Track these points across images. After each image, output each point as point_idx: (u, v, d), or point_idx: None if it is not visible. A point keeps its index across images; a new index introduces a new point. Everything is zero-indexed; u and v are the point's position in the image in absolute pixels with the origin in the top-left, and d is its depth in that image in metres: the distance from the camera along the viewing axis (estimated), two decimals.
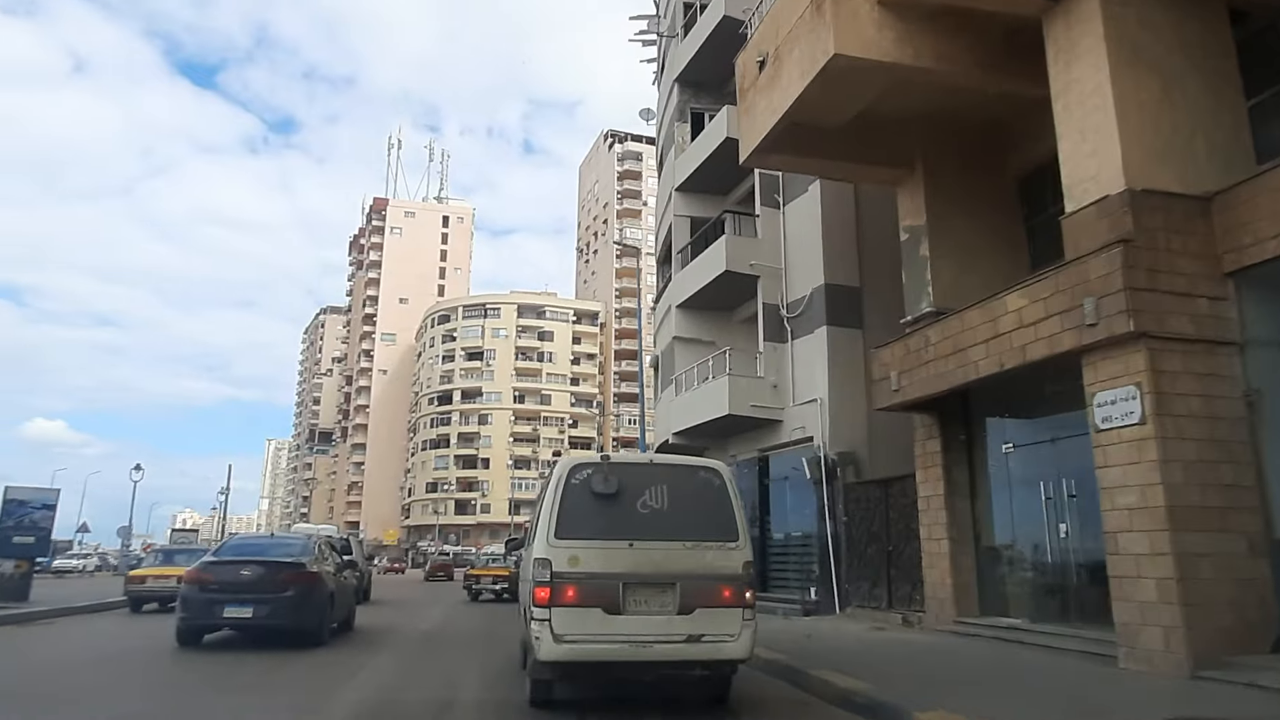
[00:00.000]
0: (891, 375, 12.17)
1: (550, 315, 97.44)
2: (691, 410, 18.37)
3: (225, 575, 10.42)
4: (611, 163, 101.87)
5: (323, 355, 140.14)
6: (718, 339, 19.42)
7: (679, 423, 18.95)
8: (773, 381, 17.02)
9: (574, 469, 6.63)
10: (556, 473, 6.71)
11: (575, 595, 6.15)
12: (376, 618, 15.67)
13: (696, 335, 19.89)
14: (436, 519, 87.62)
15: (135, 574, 17.89)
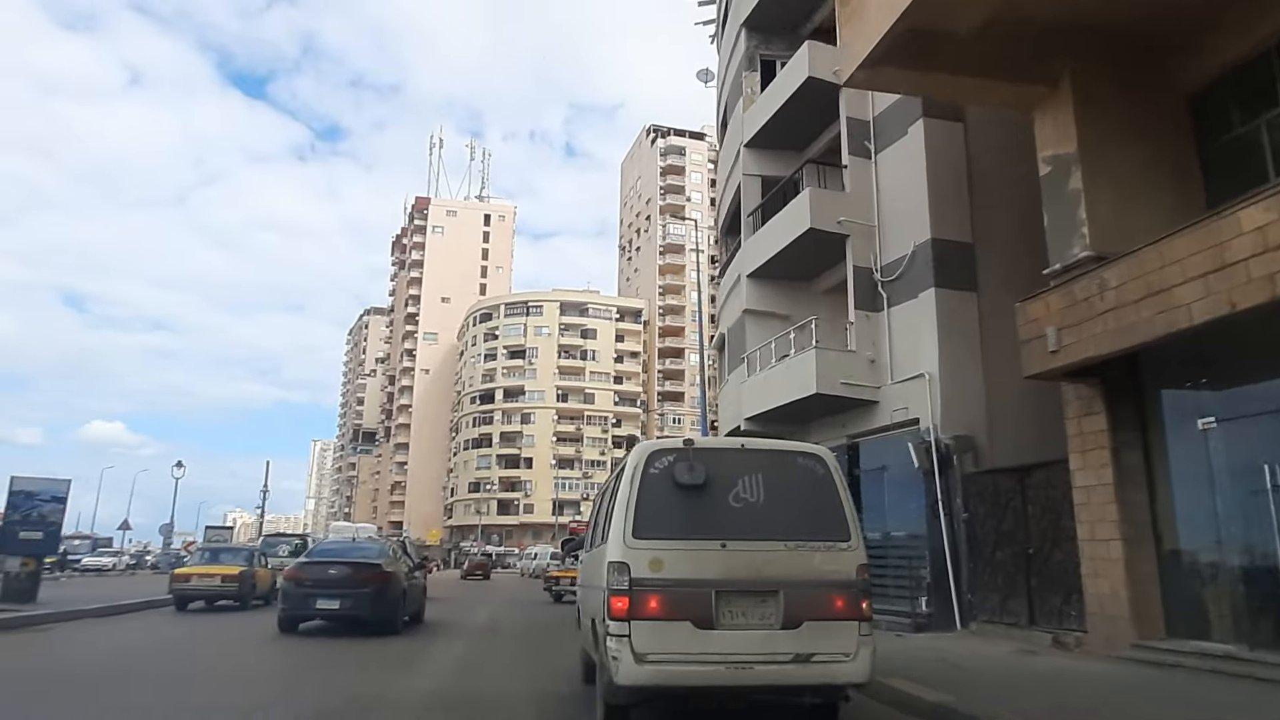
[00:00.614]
0: (1049, 333, 9.62)
1: (593, 313, 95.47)
2: (768, 392, 15.95)
3: (317, 574, 12.26)
4: (654, 158, 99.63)
5: (366, 356, 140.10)
6: (794, 312, 16.96)
7: (753, 406, 16.53)
8: (867, 355, 14.53)
9: (653, 456, 5.65)
10: (631, 461, 5.73)
11: (660, 606, 5.23)
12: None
13: (770, 308, 17.44)
14: (479, 519, 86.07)
15: (180, 572, 17.34)
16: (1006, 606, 11.45)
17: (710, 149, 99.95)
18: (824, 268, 16.69)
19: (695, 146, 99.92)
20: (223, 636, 12.58)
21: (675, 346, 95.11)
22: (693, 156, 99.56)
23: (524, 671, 9.27)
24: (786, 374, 15.27)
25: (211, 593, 16.79)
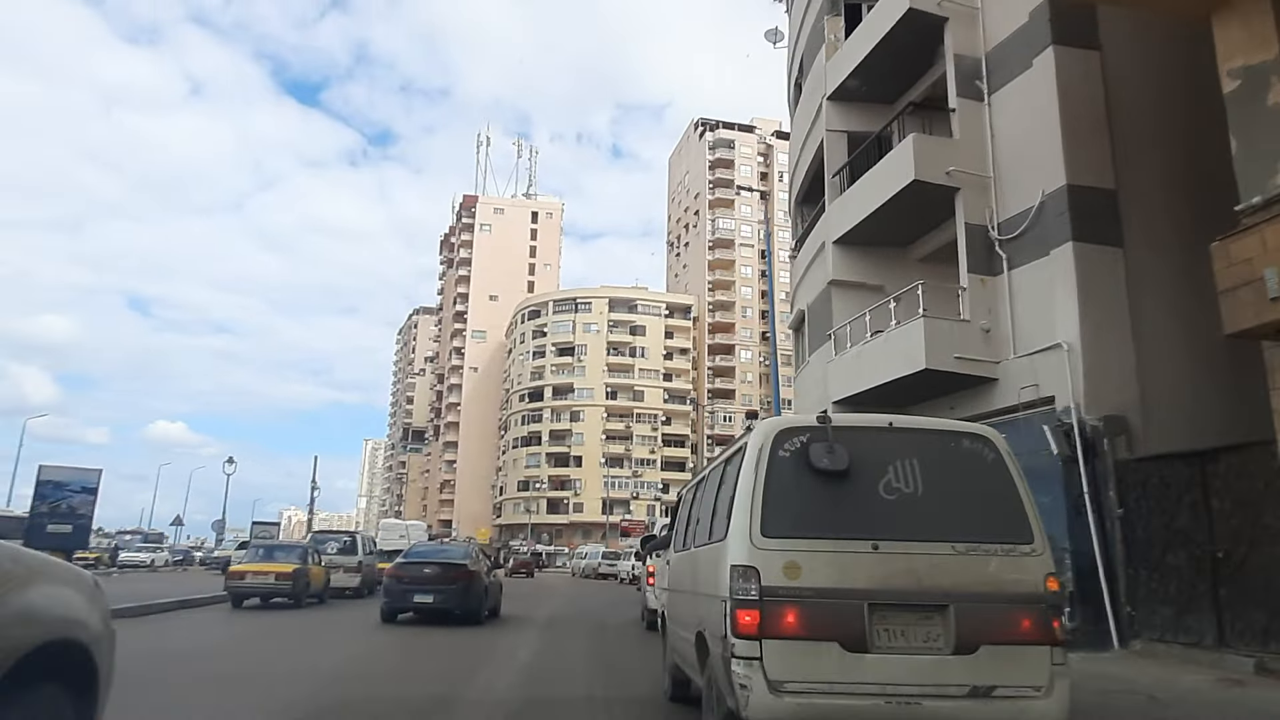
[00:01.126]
0: (1269, 275, 7.52)
1: (642, 309, 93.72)
2: (860, 371, 13.96)
3: (413, 572, 13.98)
4: (703, 152, 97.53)
5: (415, 355, 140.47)
6: (887, 283, 14.95)
7: (843, 387, 14.54)
8: (983, 325, 12.47)
9: (782, 435, 4.68)
10: (755, 441, 4.72)
11: (799, 622, 4.22)
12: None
13: (860, 278, 15.43)
14: (529, 518, 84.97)
15: (235, 570, 17.23)
16: (1183, 623, 9.32)
17: (759, 141, 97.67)
18: (923, 230, 14.64)
19: (744, 139, 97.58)
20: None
21: (725, 343, 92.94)
22: (742, 149, 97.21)
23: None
24: (886, 349, 13.27)
25: (266, 590, 16.54)
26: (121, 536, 41.16)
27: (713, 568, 4.83)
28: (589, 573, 48.68)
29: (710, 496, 5.76)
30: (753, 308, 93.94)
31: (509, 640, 11.83)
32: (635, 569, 40.73)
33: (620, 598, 28.04)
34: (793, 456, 4.59)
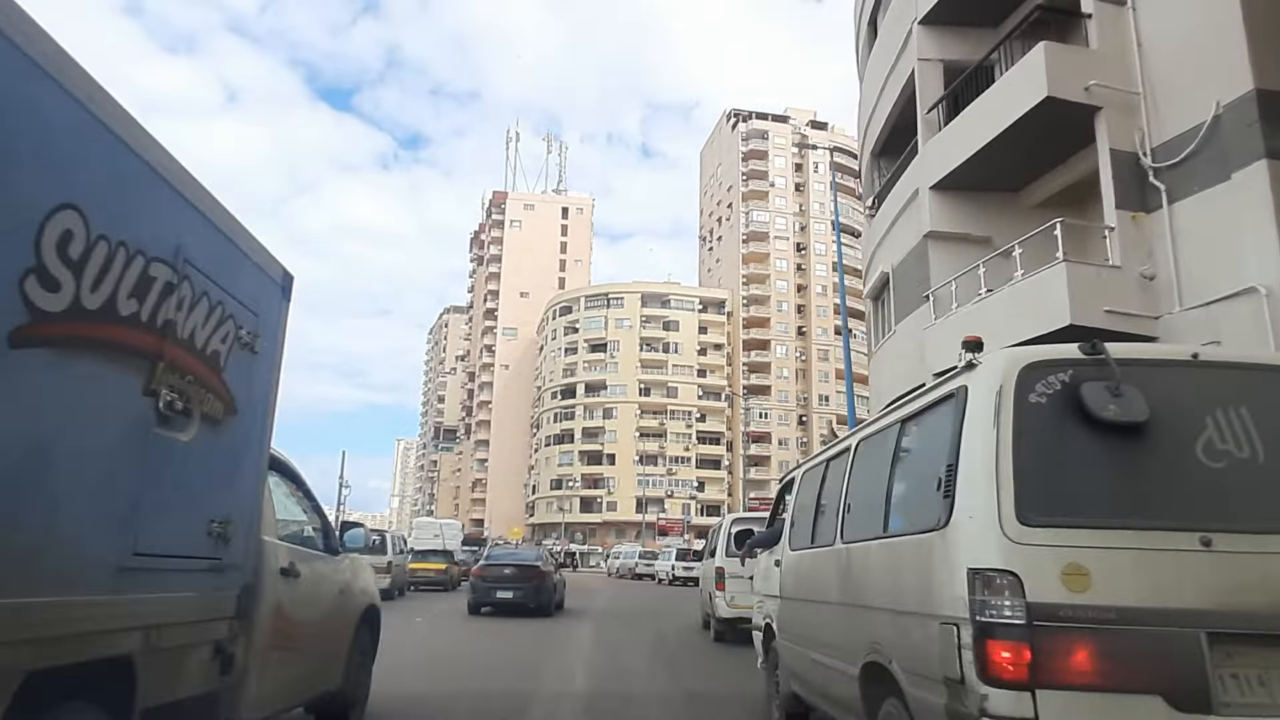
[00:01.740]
0: None
1: (675, 304, 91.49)
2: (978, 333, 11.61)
3: (494, 572, 16.33)
4: (735, 143, 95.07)
5: (446, 354, 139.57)
6: (997, 234, 12.60)
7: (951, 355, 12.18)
8: (1144, 272, 10.08)
9: (1030, 372, 3.11)
10: (986, 381, 3.17)
11: (1097, 664, 2.73)
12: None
13: (964, 229, 13.07)
14: (561, 516, 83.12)
15: None
16: None
17: (794, 132, 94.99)
18: (1042, 168, 12.27)
19: (778, 129, 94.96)
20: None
21: (760, 338, 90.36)
22: (775, 140, 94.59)
23: None
24: (1011, 306, 10.91)
25: None
26: None
27: (919, 570, 3.33)
28: (625, 573, 46.65)
29: (875, 470, 4.32)
30: (788, 301, 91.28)
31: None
32: (684, 569, 38.69)
33: (665, 601, 25.88)
34: (1053, 402, 3.08)
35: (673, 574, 38.66)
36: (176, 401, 2.94)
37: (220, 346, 3.35)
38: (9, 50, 2.06)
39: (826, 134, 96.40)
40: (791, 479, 6.98)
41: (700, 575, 15.65)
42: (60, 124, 2.29)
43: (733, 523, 12.86)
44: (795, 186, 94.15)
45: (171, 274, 2.89)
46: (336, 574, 5.29)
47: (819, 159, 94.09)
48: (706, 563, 14.09)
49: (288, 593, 4.30)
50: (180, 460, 3.02)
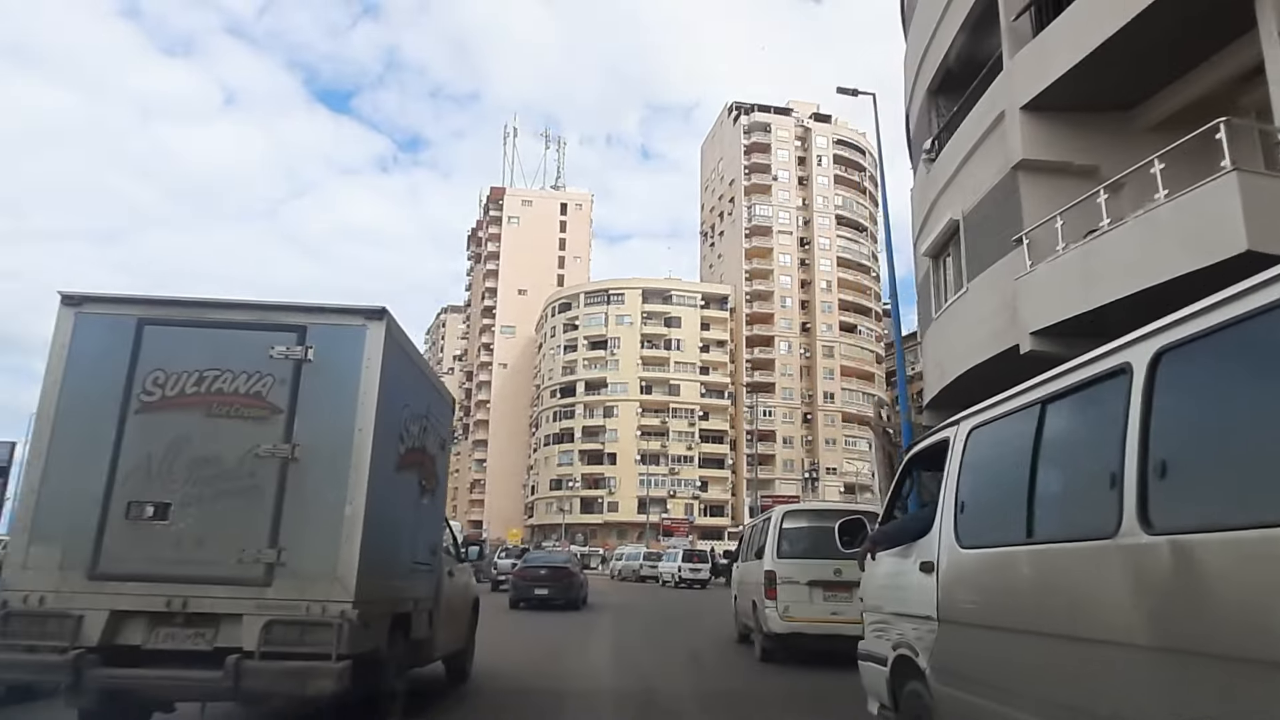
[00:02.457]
0: None
1: (677, 300, 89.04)
2: (1098, 276, 9.19)
3: (532, 573, 19.51)
4: (737, 137, 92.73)
5: (444, 354, 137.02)
6: (1105, 163, 10.23)
7: (1056, 307, 9.77)
8: None
9: None
10: None
11: None
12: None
13: (1065, 157, 10.69)
14: (561, 517, 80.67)
15: None
16: None
17: (797, 125, 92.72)
18: (1168, 76, 9.88)
19: (781, 122, 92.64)
20: None
21: (764, 334, 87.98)
22: (779, 133, 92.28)
23: None
24: (1151, 236, 8.49)
25: None
26: None
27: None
28: (628, 575, 44.18)
29: None
30: (792, 297, 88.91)
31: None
32: (691, 571, 36.42)
33: (680, 605, 23.58)
34: None
35: (679, 576, 36.48)
36: (425, 483, 6.14)
37: (436, 451, 6.56)
38: (416, 371, 5.75)
39: (830, 126, 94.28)
40: (934, 445, 4.64)
41: (736, 580, 13.23)
42: (413, 378, 5.68)
43: (785, 515, 10.47)
44: (799, 180, 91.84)
45: (425, 421, 6.07)
46: (464, 575, 8.31)
47: (822, 152, 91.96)
48: (748, 565, 11.69)
49: (449, 586, 7.19)
50: (423, 514, 6.19)
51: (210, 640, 4.25)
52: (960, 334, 12.27)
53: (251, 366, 4.58)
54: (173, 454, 4.46)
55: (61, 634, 4.16)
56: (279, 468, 4.48)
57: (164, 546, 4.36)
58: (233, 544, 4.37)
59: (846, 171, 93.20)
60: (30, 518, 4.37)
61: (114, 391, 4.50)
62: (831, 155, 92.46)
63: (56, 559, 4.33)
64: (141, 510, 4.39)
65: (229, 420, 4.52)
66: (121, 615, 4.28)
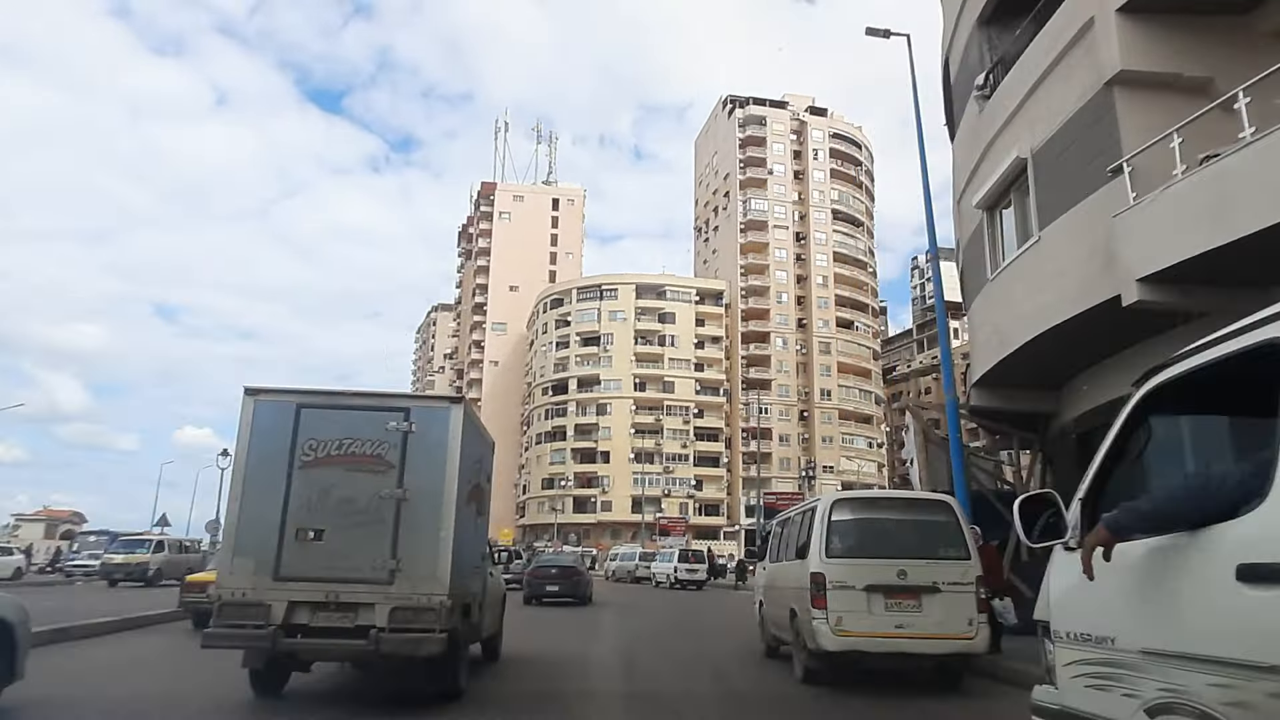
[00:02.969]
0: None
1: (671, 295, 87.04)
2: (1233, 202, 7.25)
3: (545, 573, 21.19)
4: (732, 130, 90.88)
5: (435, 353, 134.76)
6: (1219, 74, 8.32)
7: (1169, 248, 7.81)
8: None
9: None
10: None
11: None
12: None
13: (1172, 68, 8.76)
14: (554, 517, 78.53)
15: (195, 580, 13.76)
16: None
17: (792, 118, 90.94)
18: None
19: (776, 116, 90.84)
20: None
21: (759, 330, 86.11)
22: (774, 127, 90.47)
23: None
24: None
25: None
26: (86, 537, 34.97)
27: None
28: (623, 575, 42.20)
29: None
30: (788, 292, 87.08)
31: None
32: (688, 571, 34.53)
33: (680, 607, 21.60)
34: None
35: (675, 577, 34.67)
36: (479, 509, 7.89)
37: (485, 484, 8.33)
38: (479, 434, 7.89)
39: (826, 120, 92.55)
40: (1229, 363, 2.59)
41: (763, 584, 11.23)
42: (475, 437, 7.44)
43: (834, 505, 8.49)
44: (794, 174, 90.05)
45: (480, 464, 7.76)
46: (497, 575, 10.26)
47: (818, 145, 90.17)
48: (783, 567, 9.70)
49: (490, 582, 9.07)
50: (478, 531, 7.98)
51: (354, 621, 6.16)
52: (1029, 293, 10.32)
53: (374, 436, 6.52)
54: (324, 496, 6.41)
55: (258, 617, 6.13)
56: (395, 505, 6.41)
57: (321, 558, 6.31)
58: (367, 556, 6.30)
59: (843, 165, 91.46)
60: (233, 540, 6.39)
61: (283, 454, 6.46)
62: (828, 149, 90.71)
63: (251, 567, 6.27)
64: (305, 534, 6.35)
65: (361, 473, 6.46)
66: (295, 604, 6.21)
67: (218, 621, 6.18)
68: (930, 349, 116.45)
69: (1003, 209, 11.50)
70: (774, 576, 10.31)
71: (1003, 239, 11.62)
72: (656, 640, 12.70)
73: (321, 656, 6.86)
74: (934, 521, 8.44)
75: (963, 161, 13.26)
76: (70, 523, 75.79)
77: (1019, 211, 10.92)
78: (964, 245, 12.96)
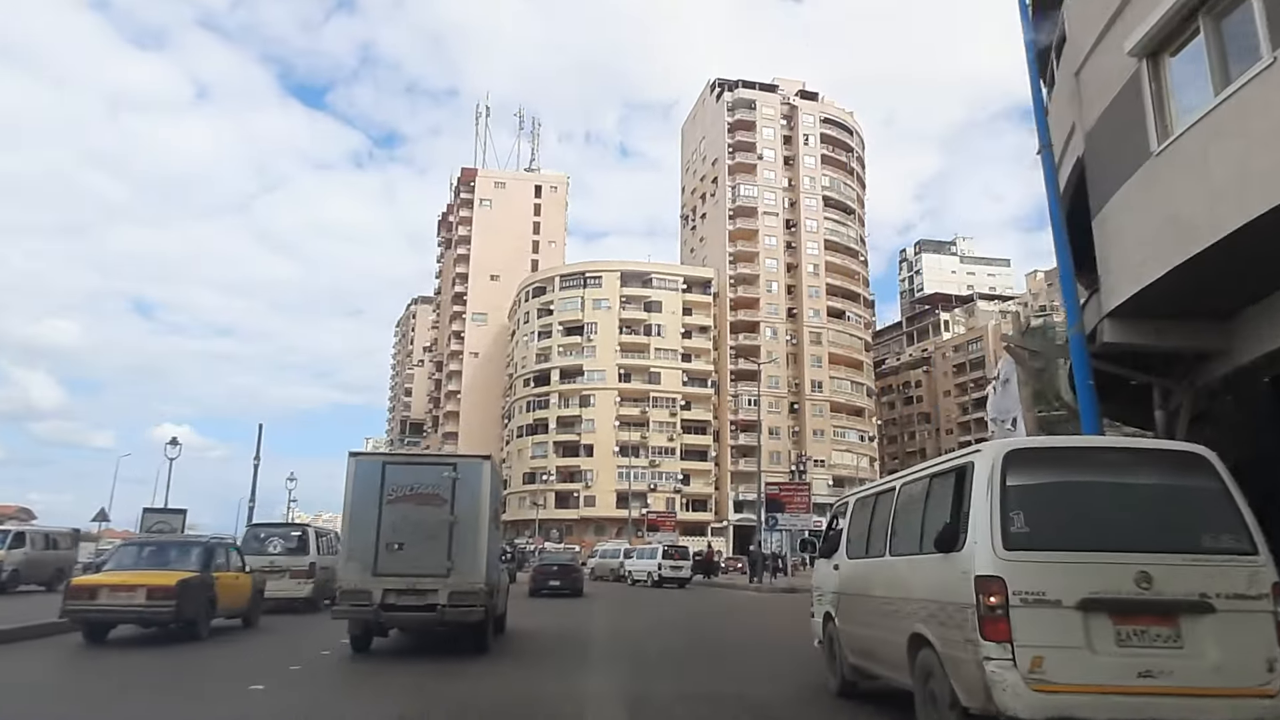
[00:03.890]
0: None
1: (657, 283, 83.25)
2: None
3: (546, 570, 24.35)
4: (721, 114, 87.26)
5: (414, 346, 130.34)
6: None
7: None
8: None
9: None
10: None
11: None
12: None
13: None
14: (535, 512, 74.61)
15: (80, 584, 11.09)
16: None
17: (783, 103, 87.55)
18: None
19: (766, 99, 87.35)
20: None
21: (749, 320, 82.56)
22: (764, 110, 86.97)
23: None
24: None
25: (131, 614, 10.62)
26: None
27: None
28: (604, 573, 39.10)
29: None
30: (778, 281, 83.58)
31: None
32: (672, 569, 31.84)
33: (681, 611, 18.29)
34: None
35: (659, 575, 31.78)
36: (498, 525, 11.58)
37: (502, 510, 14.11)
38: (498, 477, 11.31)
39: (817, 105, 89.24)
40: None
41: (838, 589, 7.47)
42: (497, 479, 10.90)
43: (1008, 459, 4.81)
44: (784, 160, 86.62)
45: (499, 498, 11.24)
46: (506, 568, 13.93)
47: (809, 131, 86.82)
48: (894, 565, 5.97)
49: (503, 575, 12.72)
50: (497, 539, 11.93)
51: (426, 600, 9.50)
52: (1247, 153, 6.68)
53: (434, 482, 9.92)
54: (403, 521, 9.67)
55: (365, 599, 9.46)
56: (449, 526, 9.74)
57: (403, 560, 9.54)
58: (432, 559, 9.59)
59: (834, 151, 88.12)
60: (346, 550, 9.82)
61: (375, 494, 9.74)
62: (819, 134, 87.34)
63: (358, 567, 9.58)
64: (392, 545, 9.62)
65: (426, 506, 9.75)
66: (387, 590, 9.48)
67: (340, 602, 9.64)
68: (919, 341, 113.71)
69: (1177, 49, 7.94)
70: (866, 579, 6.60)
71: (1167, 94, 8.04)
72: (678, 675, 9.05)
73: (405, 625, 10.27)
74: (1186, 489, 4.82)
75: (1085, 14, 9.69)
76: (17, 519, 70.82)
77: (1213, 44, 7.33)
78: (1091, 126, 9.43)
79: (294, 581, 15.18)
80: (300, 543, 15.90)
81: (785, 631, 13.54)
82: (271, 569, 14.74)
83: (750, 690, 7.84)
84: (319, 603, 15.02)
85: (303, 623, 13.68)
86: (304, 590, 15.23)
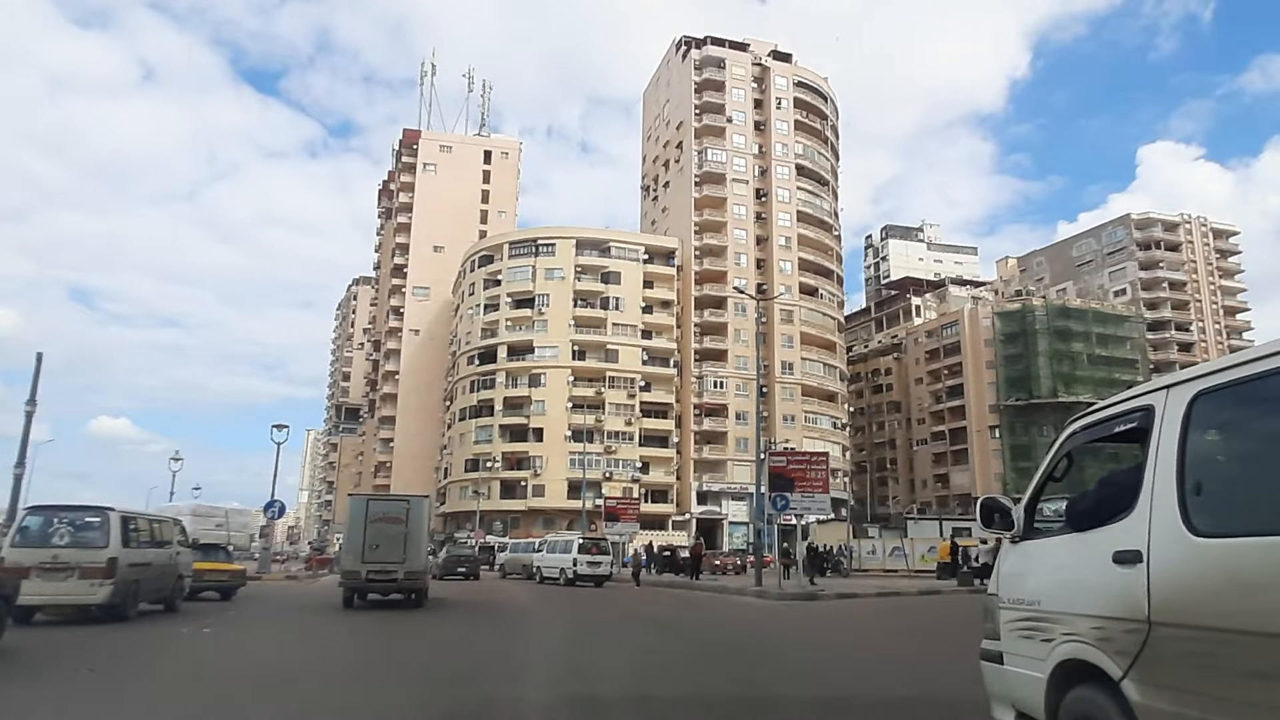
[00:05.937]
0: None
1: (616, 253, 74.44)
2: None
3: (455, 559, 32.35)
4: (687, 74, 78.96)
5: (355, 329, 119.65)
6: None
7: None
8: None
9: None
10: None
11: None
12: None
13: None
14: (477, 502, 65.23)
15: None
16: None
17: (753, 64, 79.65)
18: None
19: (736, 58, 79.34)
20: None
21: (715, 294, 74.38)
22: (734, 70, 78.95)
23: None
24: None
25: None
26: None
27: None
28: (515, 570, 36.19)
29: None
30: (747, 254, 75.59)
31: None
32: (589, 564, 27.77)
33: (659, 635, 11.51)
34: None
35: (575, 572, 27.70)
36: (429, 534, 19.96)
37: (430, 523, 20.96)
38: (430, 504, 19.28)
39: (790, 67, 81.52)
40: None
41: (1096, 608, 1.86)
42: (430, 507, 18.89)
43: None
44: (755, 125, 78.74)
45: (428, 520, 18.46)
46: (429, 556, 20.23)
47: (782, 94, 79.03)
48: None
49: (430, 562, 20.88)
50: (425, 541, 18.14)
51: (390, 576, 16.47)
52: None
53: (398, 511, 16.98)
54: (378, 533, 16.40)
55: (357, 576, 16.41)
56: (404, 536, 16.46)
57: (378, 555, 16.31)
58: (395, 554, 16.36)
59: (808, 117, 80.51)
60: (344, 548, 18.06)
61: (362, 517, 16.71)
62: (792, 99, 79.59)
63: (353, 558, 16.53)
64: (373, 546, 16.39)
65: (391, 524, 16.55)
66: (370, 571, 16.34)
67: (343, 578, 16.84)
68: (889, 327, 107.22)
69: None
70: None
71: None
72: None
73: (379, 590, 16.76)
74: None
75: None
76: None
77: None
78: None
79: (83, 583, 12.22)
80: (98, 530, 12.67)
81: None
82: (53, 565, 12.06)
83: None
84: (127, 610, 12.66)
85: (99, 634, 10.87)
86: (95, 593, 12.21)
